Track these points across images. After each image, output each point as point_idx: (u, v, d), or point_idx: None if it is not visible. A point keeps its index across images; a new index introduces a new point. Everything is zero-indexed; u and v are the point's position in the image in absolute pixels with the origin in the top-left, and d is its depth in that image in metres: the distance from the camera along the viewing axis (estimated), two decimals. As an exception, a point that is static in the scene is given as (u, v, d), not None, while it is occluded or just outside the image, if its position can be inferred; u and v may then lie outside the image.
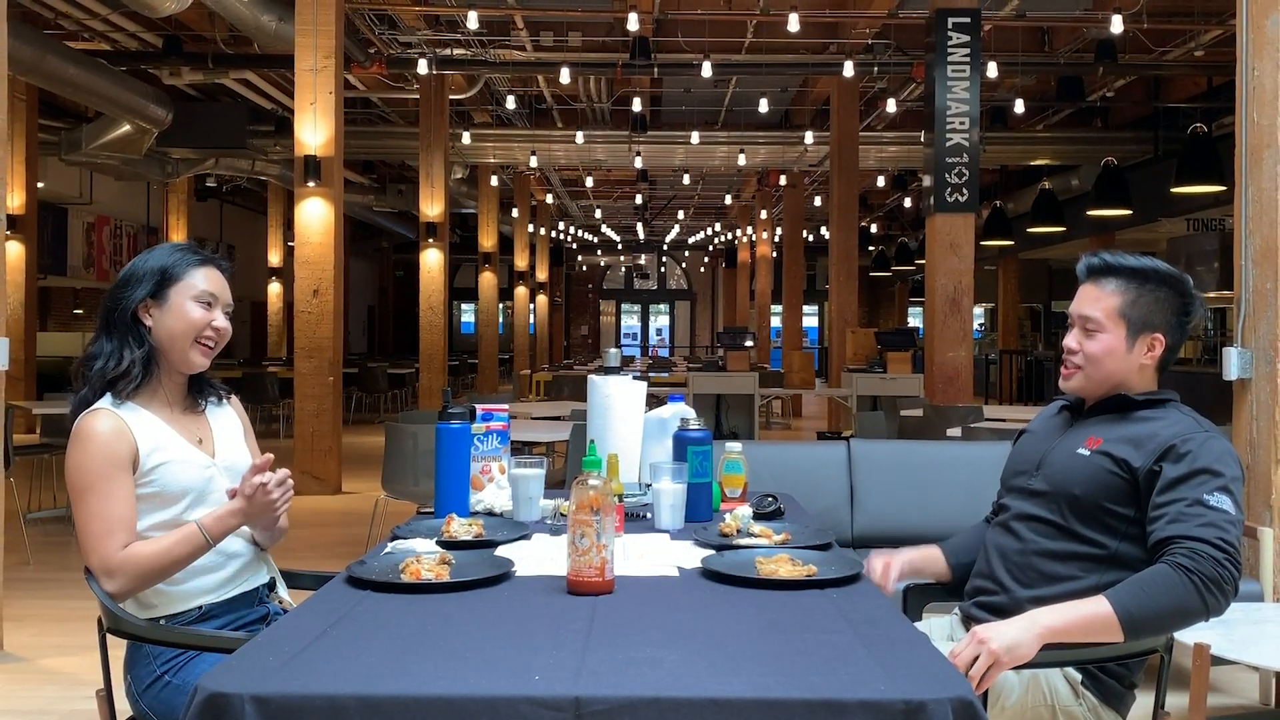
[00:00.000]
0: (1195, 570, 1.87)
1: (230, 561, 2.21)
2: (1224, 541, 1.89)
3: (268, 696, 1.31)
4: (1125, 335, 2.13)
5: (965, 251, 8.32)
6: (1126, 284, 2.14)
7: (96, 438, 2.06)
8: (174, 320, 2.15)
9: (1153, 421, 2.08)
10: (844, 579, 1.88)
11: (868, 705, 1.30)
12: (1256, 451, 4.02)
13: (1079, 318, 2.17)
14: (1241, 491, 2.00)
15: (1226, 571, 1.87)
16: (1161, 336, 2.13)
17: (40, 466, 8.23)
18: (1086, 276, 2.20)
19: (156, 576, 2.06)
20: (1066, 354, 2.21)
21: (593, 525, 1.76)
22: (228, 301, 2.24)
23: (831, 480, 4.03)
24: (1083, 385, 2.18)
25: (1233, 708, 3.62)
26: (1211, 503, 1.94)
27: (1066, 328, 2.24)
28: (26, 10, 10.30)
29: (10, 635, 4.37)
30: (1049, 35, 12.35)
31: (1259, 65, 4.03)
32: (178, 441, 2.16)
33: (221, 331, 2.20)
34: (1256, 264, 4.03)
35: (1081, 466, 2.10)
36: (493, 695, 1.32)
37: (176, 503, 2.13)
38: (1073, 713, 2.05)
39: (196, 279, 2.17)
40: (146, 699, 2.06)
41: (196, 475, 2.15)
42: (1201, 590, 1.87)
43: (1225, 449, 2.01)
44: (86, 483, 2.04)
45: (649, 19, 10.91)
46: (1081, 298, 2.19)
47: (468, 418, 2.49)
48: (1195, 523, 1.92)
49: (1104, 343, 2.13)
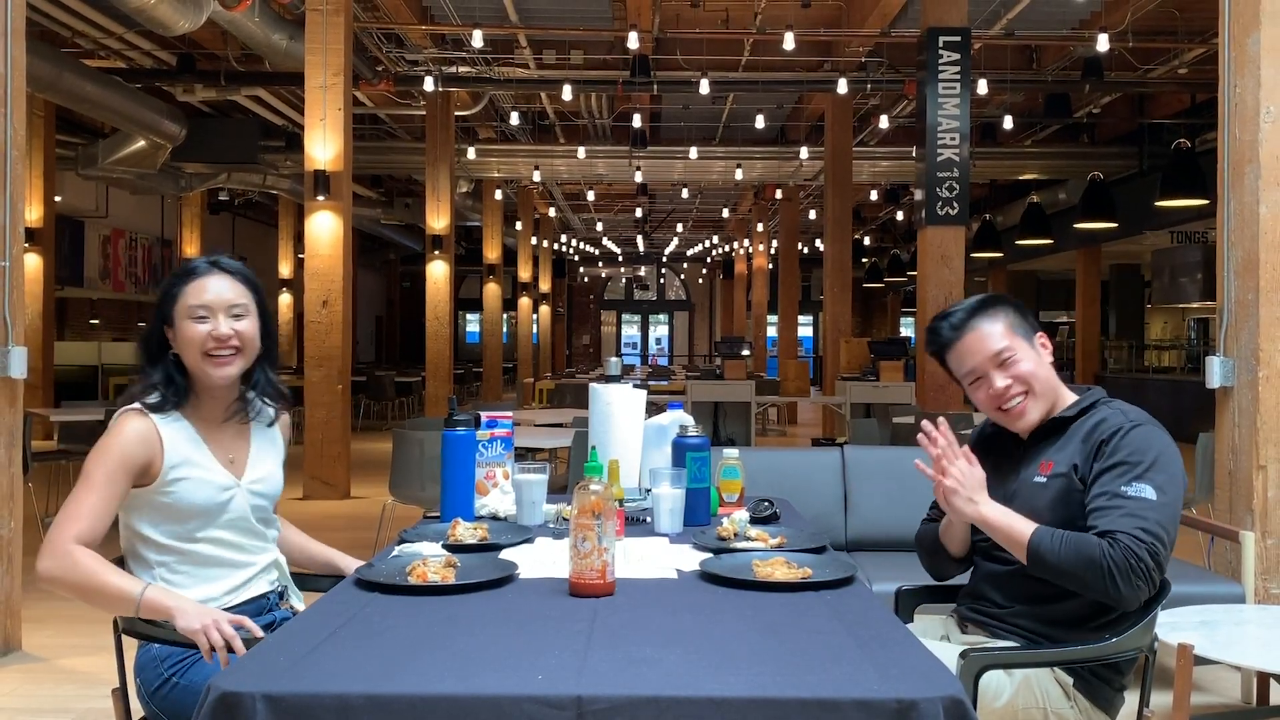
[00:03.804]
0: (1112, 559, 1.92)
1: (242, 568, 2.20)
2: (1142, 530, 1.93)
3: (279, 695, 1.32)
4: (1028, 346, 2.16)
5: (956, 263, 8.40)
6: (991, 314, 2.17)
7: (120, 436, 2.06)
8: (181, 342, 2.13)
9: (1086, 424, 2.12)
10: (838, 581, 1.88)
11: (861, 704, 1.31)
12: (1238, 457, 4.05)
13: (989, 360, 2.15)
14: (1171, 471, 2.01)
15: (1141, 562, 1.91)
16: (1041, 332, 2.20)
17: (58, 472, 8.16)
18: (957, 334, 2.18)
19: (76, 592, 1.98)
20: (1003, 396, 2.15)
21: (594, 529, 1.77)
22: (230, 303, 2.14)
23: (826, 485, 4.03)
24: (1041, 412, 2.17)
25: (1215, 707, 3.61)
26: (1129, 493, 1.98)
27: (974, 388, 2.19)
28: (45, 29, 10.35)
29: (29, 635, 4.38)
30: (1037, 53, 12.43)
31: (1240, 82, 4.07)
32: (206, 459, 2.14)
33: (224, 336, 2.11)
34: (1238, 275, 4.07)
35: (1043, 493, 2.11)
36: (497, 694, 1.33)
37: (190, 519, 2.12)
38: (1064, 715, 2.06)
39: (189, 295, 2.12)
40: (156, 701, 2.06)
41: (213, 496, 2.12)
42: (1110, 577, 1.92)
43: (1144, 436, 2.04)
44: (90, 469, 2.04)
45: (649, 38, 10.95)
46: (974, 347, 2.16)
47: (473, 425, 2.49)
48: (1115, 515, 1.96)
49: (1026, 358, 2.15)
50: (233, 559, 2.18)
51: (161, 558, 2.12)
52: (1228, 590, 3.54)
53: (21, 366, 4.27)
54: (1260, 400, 3.94)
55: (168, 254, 18.58)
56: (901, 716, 1.30)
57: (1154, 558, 1.93)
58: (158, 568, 2.13)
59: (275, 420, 2.30)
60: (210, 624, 1.90)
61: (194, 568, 2.14)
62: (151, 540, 2.12)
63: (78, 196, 15.05)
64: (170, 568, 2.13)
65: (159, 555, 2.12)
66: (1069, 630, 2.09)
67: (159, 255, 18.44)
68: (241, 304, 2.16)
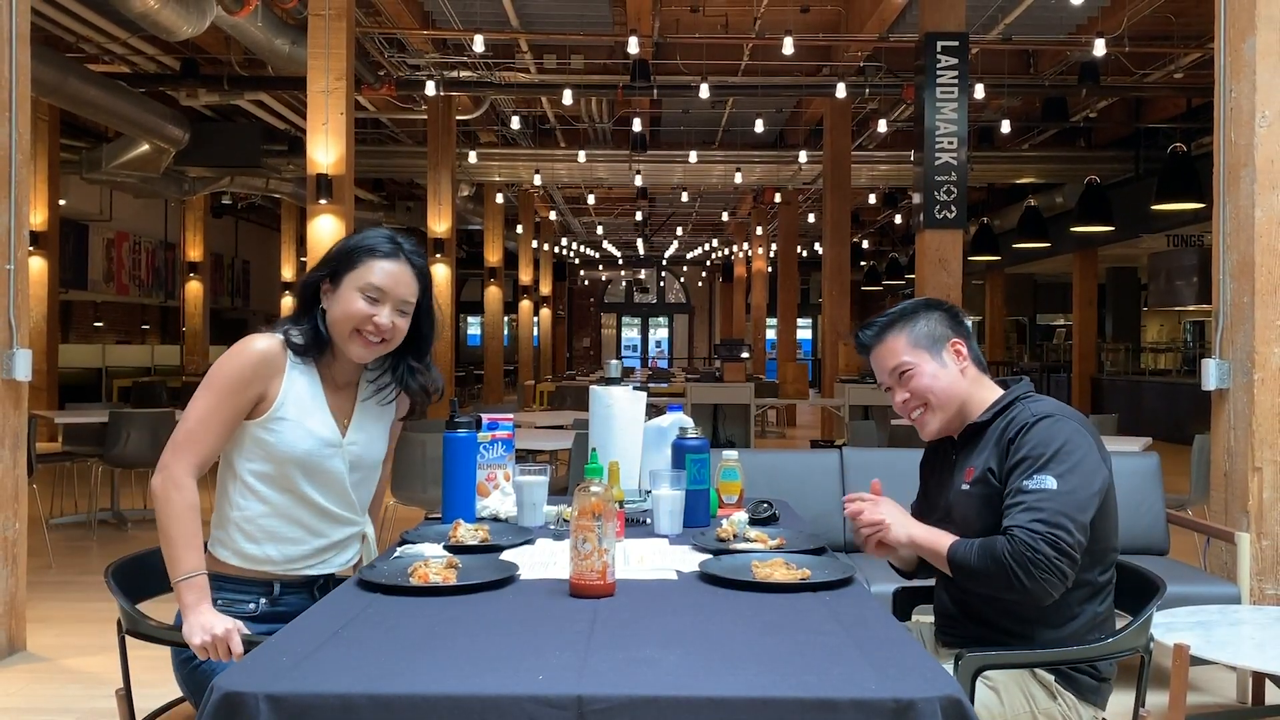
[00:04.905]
0: (1011, 555, 1.95)
1: (320, 537, 2.18)
2: (1037, 522, 1.95)
3: (281, 695, 1.33)
4: (930, 357, 2.19)
5: (953, 266, 8.44)
6: (897, 327, 2.22)
7: (246, 355, 2.06)
8: (338, 307, 2.10)
9: (1001, 425, 2.14)
10: (837, 582, 1.89)
11: (859, 704, 1.32)
12: (1234, 459, 4.06)
13: (889, 374, 2.22)
14: (1074, 459, 2.01)
15: (1038, 553, 1.93)
16: (955, 339, 2.21)
17: (62, 473, 8.32)
18: (871, 346, 2.25)
19: (158, 523, 2.01)
20: (905, 408, 2.22)
21: (594, 530, 1.77)
22: (403, 299, 2.12)
23: (824, 487, 4.03)
24: (940, 421, 2.21)
25: (1211, 706, 3.62)
26: (1030, 486, 2.00)
27: (888, 395, 2.27)
28: (49, 34, 10.42)
29: (34, 636, 4.39)
30: (1034, 58, 12.49)
31: (1236, 87, 4.09)
32: (320, 410, 2.12)
33: (383, 328, 2.09)
34: (1234, 278, 4.08)
35: (969, 501, 2.13)
36: (498, 694, 1.33)
37: (286, 464, 2.10)
38: (1052, 713, 2.06)
39: (371, 271, 2.09)
40: (183, 675, 2.09)
41: (311, 448, 2.10)
42: (1014, 573, 1.95)
43: (1047, 429, 2.05)
44: (211, 382, 2.04)
45: (649, 42, 10.99)
46: (879, 363, 2.24)
47: (474, 427, 2.48)
48: (1015, 511, 2.00)
49: (923, 373, 2.18)
50: (313, 524, 2.16)
51: (245, 500, 2.11)
52: (1223, 591, 3.57)
53: (26, 369, 4.28)
54: (1256, 402, 3.95)
55: (171, 257, 18.62)
56: (900, 716, 1.31)
57: (1054, 548, 1.93)
58: (236, 510, 2.11)
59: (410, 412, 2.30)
60: (210, 642, 1.91)
61: (276, 522, 2.12)
62: (243, 479, 2.10)
63: (82, 200, 15.12)
64: (250, 516, 2.11)
65: (244, 498, 2.11)
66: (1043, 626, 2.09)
67: (162, 258, 18.48)
68: (411, 302, 2.15)
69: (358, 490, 2.23)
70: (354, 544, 2.28)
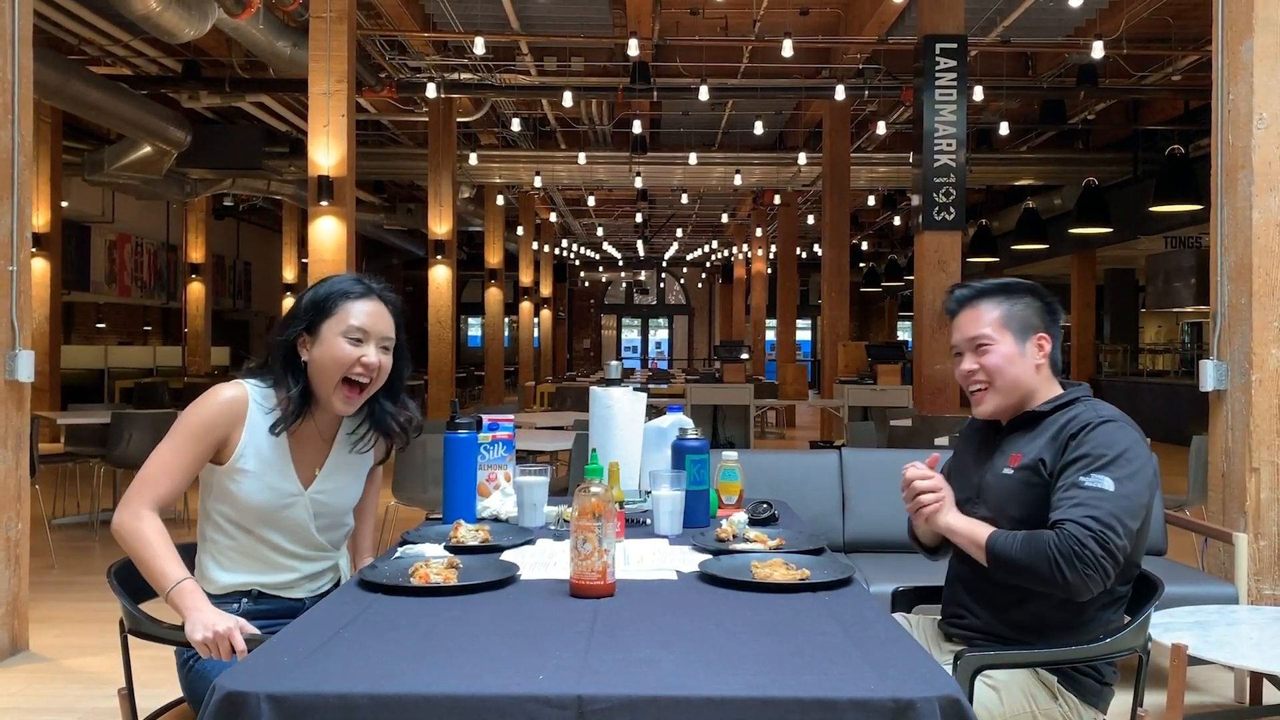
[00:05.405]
0: (1058, 548, 1.95)
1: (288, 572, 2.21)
2: (1091, 519, 1.95)
3: (283, 695, 1.33)
4: (1014, 341, 2.18)
5: (952, 268, 8.44)
6: (998, 300, 2.21)
7: (212, 402, 2.10)
8: (323, 355, 2.12)
9: (1060, 420, 2.13)
10: (836, 582, 1.89)
11: (859, 703, 1.32)
12: (1232, 460, 4.06)
13: (967, 341, 2.21)
14: (1134, 467, 2.02)
15: (1086, 549, 1.93)
16: (1045, 334, 2.20)
17: (64, 474, 8.32)
18: (960, 307, 2.25)
19: (133, 557, 2.04)
20: (968, 379, 2.22)
21: (595, 531, 1.77)
22: (384, 335, 2.15)
23: (824, 488, 4.05)
24: (996, 404, 2.20)
25: (1208, 706, 3.62)
26: (1086, 483, 1.99)
27: (955, 360, 2.26)
28: (52, 36, 10.41)
29: (36, 636, 4.41)
30: (1032, 60, 12.51)
31: (1234, 89, 4.09)
32: (281, 463, 2.15)
33: (371, 367, 2.13)
34: (1231, 280, 4.09)
35: (1010, 486, 2.12)
36: (499, 694, 1.33)
37: (245, 511, 2.14)
38: (1053, 714, 2.06)
39: (350, 313, 2.12)
40: (183, 678, 2.14)
41: (269, 500, 2.13)
42: (1057, 565, 1.95)
43: (1111, 431, 2.05)
44: (176, 429, 2.08)
45: (649, 45, 11.00)
46: (963, 325, 2.23)
47: (474, 427, 2.49)
48: (1068, 505, 1.99)
49: (1000, 353, 2.17)
50: (279, 561, 2.19)
51: (214, 535, 2.17)
52: (1221, 591, 3.57)
53: (29, 370, 4.30)
54: (1253, 403, 3.97)
55: (173, 259, 18.63)
56: (899, 716, 1.31)
57: (1102, 546, 1.93)
58: (208, 543, 2.17)
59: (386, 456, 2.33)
60: (212, 639, 1.91)
61: (242, 557, 2.18)
62: (210, 515, 2.16)
63: (84, 202, 15.15)
64: (220, 548, 2.17)
65: (214, 532, 2.17)
66: (1037, 636, 2.10)
67: (164, 260, 18.49)
68: (391, 338, 2.18)
69: (326, 534, 2.26)
70: (328, 574, 2.30)
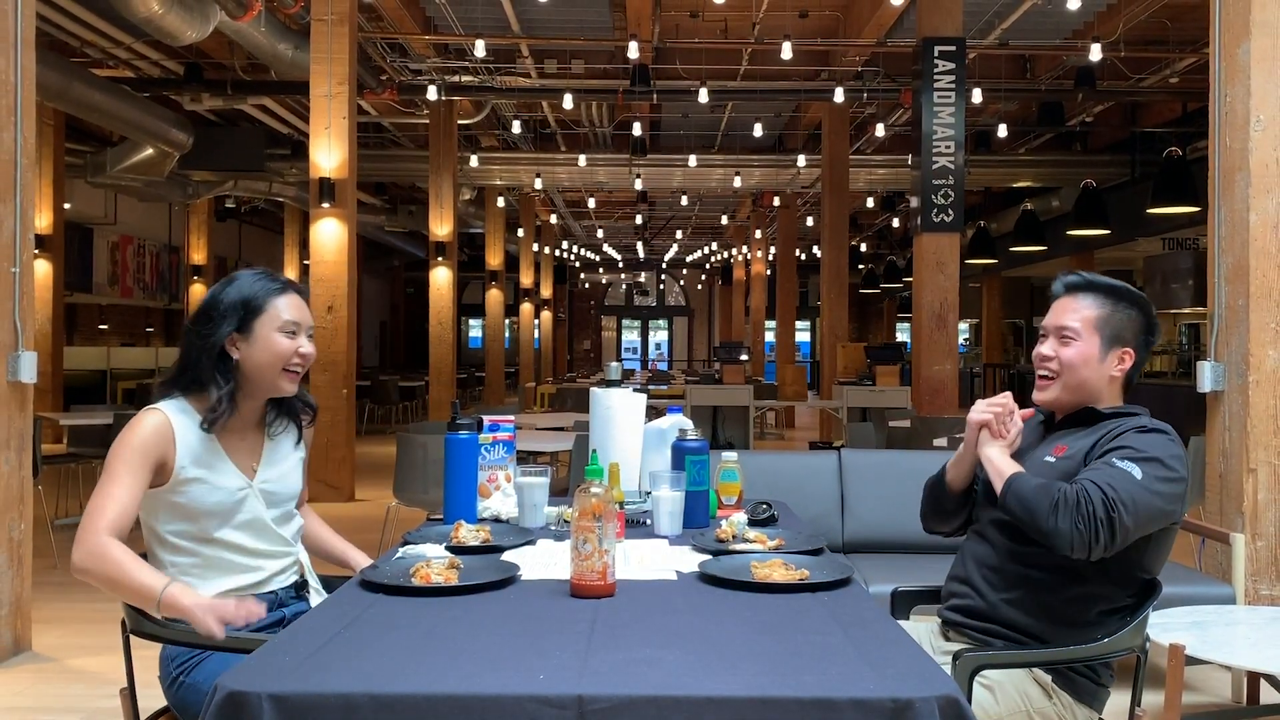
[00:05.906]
0: (1064, 494, 1.95)
1: (255, 571, 2.21)
2: (1107, 486, 1.93)
3: (284, 695, 1.33)
4: (1099, 345, 2.15)
5: (951, 270, 8.47)
6: (1103, 300, 2.18)
7: (138, 431, 2.09)
8: (261, 352, 2.15)
9: (1115, 425, 2.12)
10: (835, 583, 1.89)
11: (858, 703, 1.32)
12: (1229, 461, 4.06)
13: (1055, 328, 2.19)
14: (1168, 471, 2.00)
15: (1089, 505, 1.92)
16: (1131, 351, 2.17)
17: (67, 475, 8.26)
18: (1064, 291, 2.22)
19: (106, 584, 2.00)
20: (1041, 362, 2.20)
21: (595, 531, 1.77)
22: (310, 325, 2.24)
23: (823, 488, 4.04)
24: (1057, 395, 2.19)
25: (1206, 706, 3.62)
26: (1117, 464, 1.98)
27: (1039, 340, 2.24)
28: (54, 39, 10.44)
29: (38, 636, 4.39)
30: (1031, 63, 12.55)
31: (1231, 91, 4.09)
32: (220, 461, 2.16)
33: (308, 356, 2.21)
34: (1229, 281, 4.09)
35: (1048, 473, 2.10)
36: (499, 694, 1.34)
37: (203, 519, 2.13)
38: (1047, 713, 2.05)
39: (279, 309, 2.17)
40: (170, 697, 2.13)
41: (226, 497, 2.14)
42: (1055, 509, 1.94)
43: (1156, 438, 2.04)
44: (111, 464, 2.08)
45: (648, 47, 11.05)
46: (1058, 311, 2.20)
47: (475, 428, 2.49)
48: (1091, 471, 2.00)
49: (1080, 350, 2.16)
50: (246, 563, 2.19)
51: (174, 558, 2.14)
52: (1218, 591, 3.57)
53: (31, 371, 4.29)
54: (1250, 404, 3.97)
55: (175, 260, 18.65)
56: (898, 715, 1.31)
57: (1107, 511, 1.91)
58: (170, 568, 2.13)
59: (300, 437, 2.34)
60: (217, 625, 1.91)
61: (207, 569, 2.16)
62: (166, 540, 2.14)
63: (87, 204, 15.16)
64: (183, 569, 2.14)
65: (172, 555, 2.14)
66: (1055, 625, 2.08)
67: (166, 261, 18.50)
68: (313, 325, 2.27)
69: (283, 526, 2.27)
70: (293, 568, 2.31)
